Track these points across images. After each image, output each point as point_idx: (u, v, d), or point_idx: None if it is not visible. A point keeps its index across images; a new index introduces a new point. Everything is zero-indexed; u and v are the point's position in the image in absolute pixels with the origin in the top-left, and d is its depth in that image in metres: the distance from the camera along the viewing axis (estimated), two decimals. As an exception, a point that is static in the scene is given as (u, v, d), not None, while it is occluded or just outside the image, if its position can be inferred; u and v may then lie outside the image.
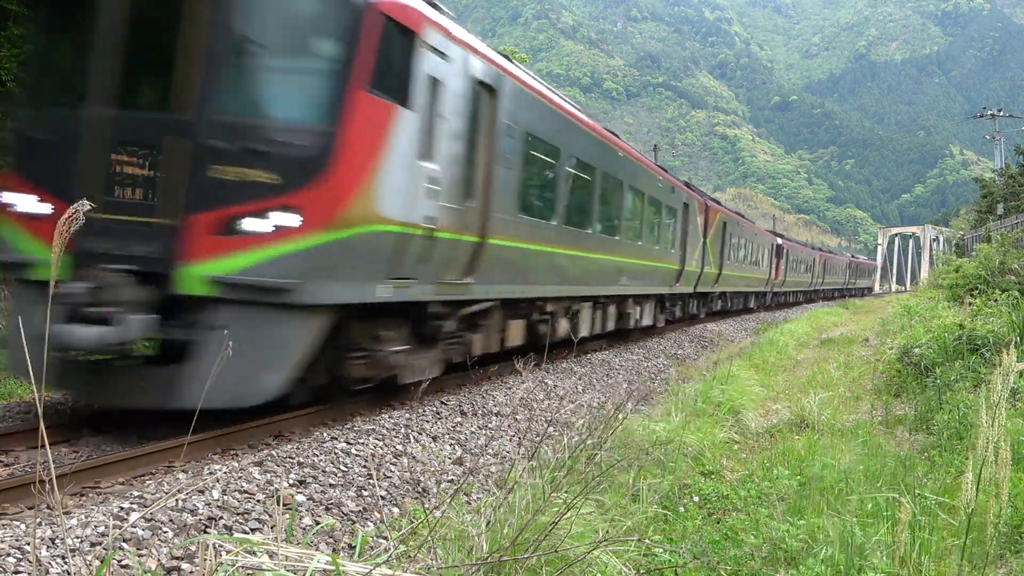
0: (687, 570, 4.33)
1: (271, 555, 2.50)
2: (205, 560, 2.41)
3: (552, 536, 3.51)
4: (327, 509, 5.27)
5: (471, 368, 9.67)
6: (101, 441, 6.48)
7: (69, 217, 2.23)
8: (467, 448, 7.43)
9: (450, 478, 6.41)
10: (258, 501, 5.06)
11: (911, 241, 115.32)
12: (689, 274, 21.43)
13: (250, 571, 2.45)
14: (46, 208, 6.32)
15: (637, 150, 17.84)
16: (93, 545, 4.07)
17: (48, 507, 4.71)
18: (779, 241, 40.04)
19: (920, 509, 4.83)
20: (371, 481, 5.91)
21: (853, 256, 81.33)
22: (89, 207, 2.26)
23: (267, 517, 4.84)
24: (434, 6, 7.90)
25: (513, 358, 9.18)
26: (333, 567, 2.50)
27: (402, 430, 7.38)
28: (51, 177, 6.36)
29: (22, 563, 3.78)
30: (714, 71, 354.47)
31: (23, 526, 4.16)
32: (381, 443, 6.85)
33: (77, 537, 4.11)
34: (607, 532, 4.21)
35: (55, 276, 2.38)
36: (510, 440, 7.95)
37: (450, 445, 7.41)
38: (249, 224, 6.15)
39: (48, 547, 3.96)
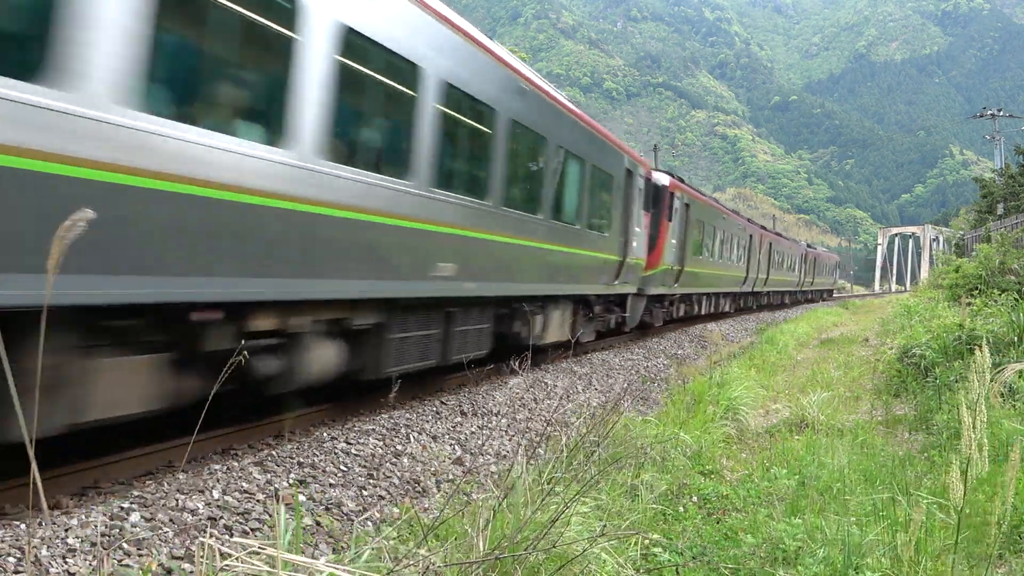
0: (687, 570, 4.34)
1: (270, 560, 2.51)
2: (203, 561, 2.42)
3: (551, 534, 3.52)
4: (327, 509, 5.28)
5: (469, 368, 9.05)
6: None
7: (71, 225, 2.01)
8: (467, 448, 7.43)
9: (450, 478, 6.42)
10: (258, 501, 5.07)
11: (911, 241, 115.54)
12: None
13: (249, 572, 2.46)
14: None
15: None
16: (93, 545, 4.08)
17: (49, 507, 4.71)
18: (664, 181, 19.14)
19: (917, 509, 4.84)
20: (371, 481, 5.92)
21: (809, 245, 56.36)
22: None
23: (267, 517, 4.85)
24: None
25: (511, 358, 8.87)
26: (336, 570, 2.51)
27: (402, 430, 7.39)
28: None
29: (22, 563, 3.78)
30: (714, 71, 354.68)
31: (23, 526, 4.16)
32: (381, 443, 6.86)
33: (77, 537, 4.12)
34: (605, 530, 4.21)
35: (50, 289, 1.97)
36: (509, 440, 7.96)
37: (450, 445, 7.41)
38: None
39: (48, 547, 3.96)
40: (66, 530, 4.15)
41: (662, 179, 19.21)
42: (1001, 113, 51.12)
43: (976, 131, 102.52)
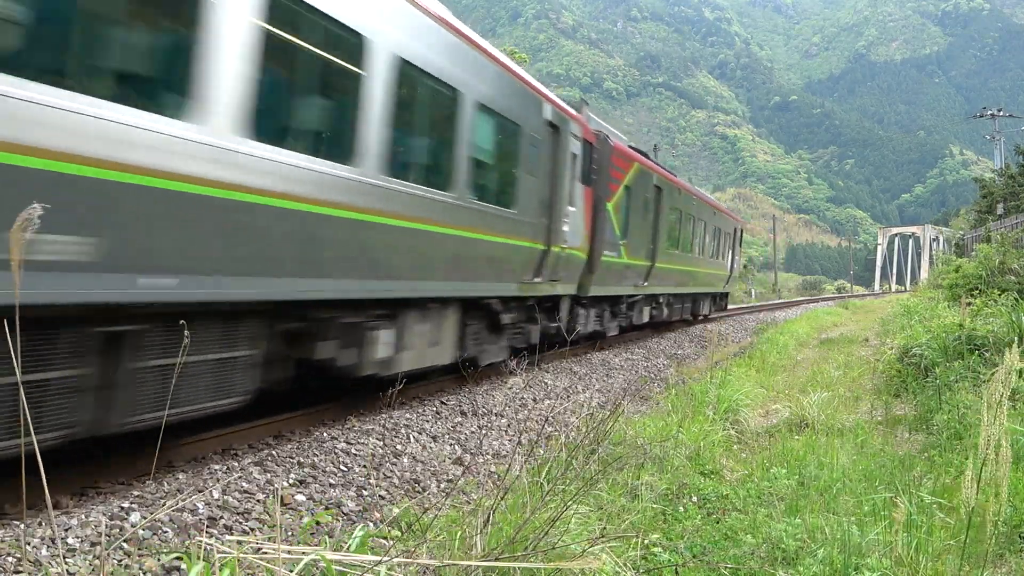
0: (687, 570, 4.33)
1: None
2: (197, 562, 2.42)
3: (550, 535, 3.51)
4: (327, 509, 5.28)
5: (465, 369, 9.47)
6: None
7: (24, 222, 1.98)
8: (467, 448, 7.43)
9: (450, 478, 6.42)
10: (258, 501, 5.07)
11: (911, 241, 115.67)
12: None
13: (248, 570, 2.46)
14: None
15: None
16: (93, 545, 4.08)
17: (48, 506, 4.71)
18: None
19: (917, 509, 4.84)
20: (371, 481, 5.92)
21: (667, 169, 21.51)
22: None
23: (267, 517, 4.85)
24: None
25: (508, 358, 9.16)
26: (334, 559, 2.51)
27: (402, 430, 7.39)
28: None
29: (23, 563, 3.78)
30: (714, 71, 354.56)
31: (23, 526, 4.16)
32: (381, 443, 6.86)
33: (77, 537, 4.12)
34: (605, 531, 4.21)
35: (19, 288, 2.02)
36: (509, 440, 7.96)
37: (450, 445, 7.41)
38: None
39: (48, 547, 3.96)
40: (66, 530, 4.15)
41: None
42: (1001, 113, 51.09)
43: (976, 131, 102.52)
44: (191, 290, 4.92)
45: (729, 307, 39.42)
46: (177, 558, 3.91)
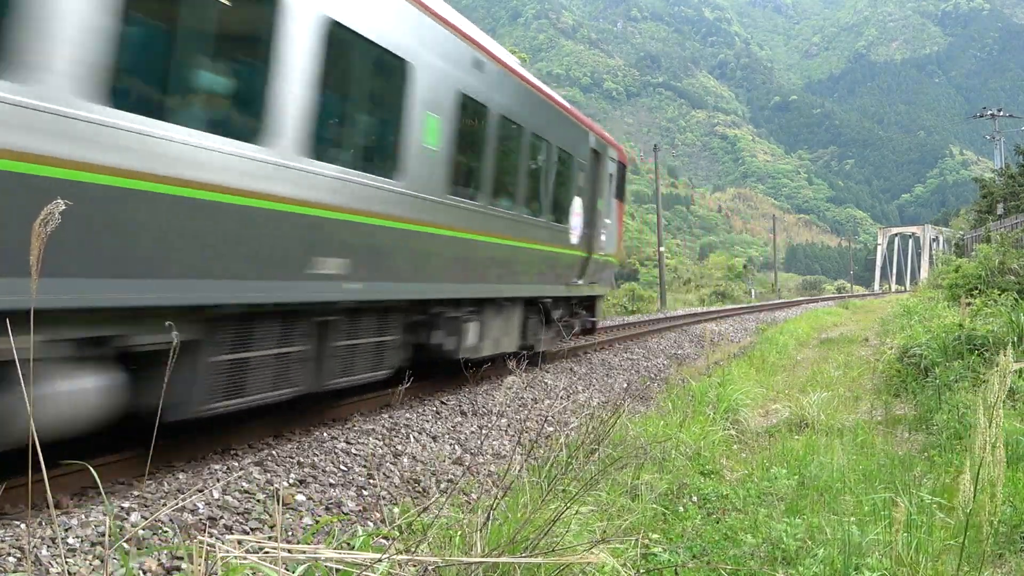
0: (687, 570, 4.33)
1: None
2: (200, 561, 2.42)
3: (550, 535, 3.52)
4: (327, 509, 5.28)
5: (467, 369, 9.38)
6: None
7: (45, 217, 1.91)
8: (467, 448, 7.43)
9: (450, 478, 6.42)
10: (258, 501, 5.07)
11: (911, 241, 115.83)
12: None
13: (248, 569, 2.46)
14: None
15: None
16: (93, 545, 4.08)
17: (48, 506, 4.71)
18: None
19: (917, 509, 4.84)
20: (371, 481, 5.92)
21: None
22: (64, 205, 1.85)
23: (267, 517, 4.85)
24: None
25: (507, 357, 9.14)
26: (335, 557, 2.51)
27: (402, 430, 7.39)
28: None
29: (23, 563, 3.78)
30: (714, 71, 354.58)
31: (23, 526, 4.16)
32: (381, 443, 6.86)
33: (77, 537, 4.12)
34: (605, 531, 4.21)
35: (36, 284, 1.93)
36: (509, 440, 7.96)
37: (450, 445, 7.41)
38: None
39: (48, 547, 3.96)
40: (66, 530, 4.15)
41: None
42: (1001, 113, 51.05)
43: (976, 131, 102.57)
44: None
45: (728, 307, 37.57)
46: (178, 558, 3.92)
